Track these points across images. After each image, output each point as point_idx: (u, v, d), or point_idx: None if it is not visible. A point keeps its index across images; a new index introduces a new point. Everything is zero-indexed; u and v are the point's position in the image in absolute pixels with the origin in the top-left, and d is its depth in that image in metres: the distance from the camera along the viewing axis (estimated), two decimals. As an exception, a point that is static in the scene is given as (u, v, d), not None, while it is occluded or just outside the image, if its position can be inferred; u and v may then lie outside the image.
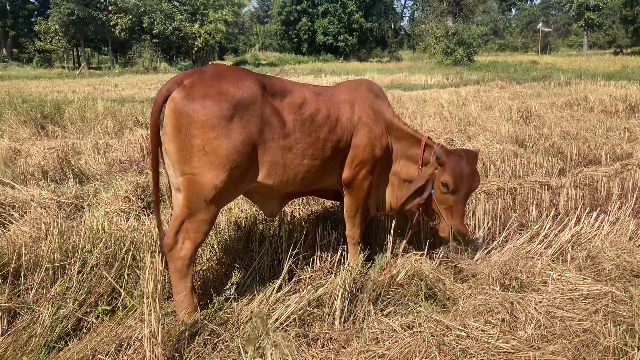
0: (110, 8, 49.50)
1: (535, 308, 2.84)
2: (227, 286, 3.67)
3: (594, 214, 4.81)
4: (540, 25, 57.95)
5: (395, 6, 72.87)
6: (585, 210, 4.95)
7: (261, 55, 64.27)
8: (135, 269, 3.61)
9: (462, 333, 2.69)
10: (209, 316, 3.16)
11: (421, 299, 3.30)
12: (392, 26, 72.82)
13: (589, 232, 4.55)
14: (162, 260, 2.93)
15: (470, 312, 2.86)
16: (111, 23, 49.19)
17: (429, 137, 3.93)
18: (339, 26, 59.28)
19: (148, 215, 5.08)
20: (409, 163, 3.96)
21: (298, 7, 60.62)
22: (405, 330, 2.75)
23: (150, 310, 2.73)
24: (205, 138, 2.88)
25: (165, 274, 3.50)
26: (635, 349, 2.59)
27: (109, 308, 3.35)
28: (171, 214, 4.71)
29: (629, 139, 8.57)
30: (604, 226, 4.58)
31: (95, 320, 3.21)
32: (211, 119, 2.87)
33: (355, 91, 3.79)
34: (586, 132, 8.80)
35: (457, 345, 2.58)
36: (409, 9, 79.20)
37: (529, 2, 66.48)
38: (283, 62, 53.16)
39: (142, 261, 3.66)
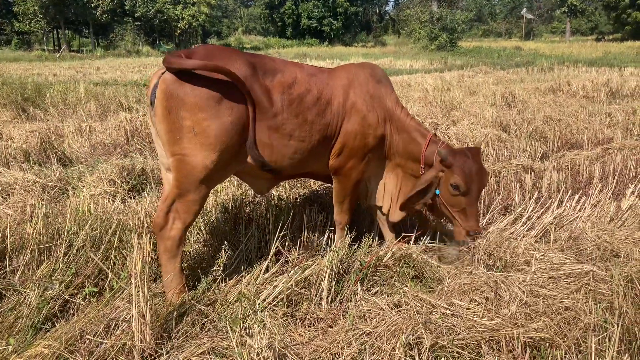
0: (91, -11, 48.58)
1: (518, 287, 2.90)
2: (215, 267, 3.68)
3: (576, 197, 4.90)
4: (524, 11, 58.19)
5: (380, -10, 72.52)
6: (568, 193, 5.04)
7: (245, 39, 63.72)
8: (122, 251, 3.61)
9: (448, 311, 2.74)
10: (196, 297, 3.17)
11: (407, 279, 3.35)
12: (377, 11, 72.58)
13: (571, 215, 4.63)
14: (149, 242, 2.92)
15: (456, 291, 2.92)
16: (92, 5, 48.27)
17: (434, 135, 3.76)
18: (323, 10, 58.92)
19: (133, 197, 5.05)
20: (411, 159, 3.79)
21: (282, -9, 60.17)
22: (392, 309, 2.79)
23: (139, 291, 2.73)
24: (194, 119, 2.90)
25: (153, 255, 3.51)
26: (615, 325, 2.66)
27: (96, 289, 3.34)
28: (159, 197, 4.72)
29: (609, 123, 8.69)
30: (585, 208, 4.66)
31: (82, 302, 3.20)
32: (201, 100, 2.90)
33: (354, 75, 3.66)
34: (568, 117, 8.90)
35: (442, 323, 2.63)
36: (393, -7, 78.81)
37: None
38: (267, 46, 52.79)
39: (128, 243, 3.66)
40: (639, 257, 3.42)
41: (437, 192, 3.57)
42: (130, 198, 5.01)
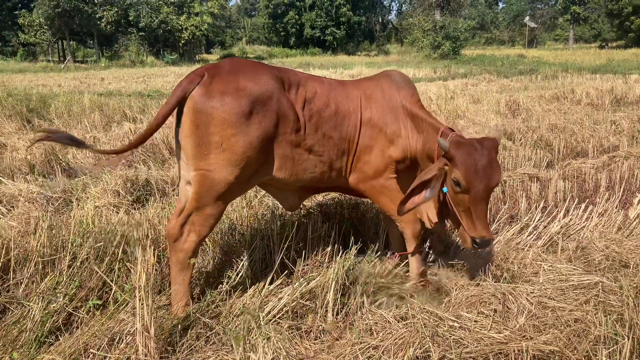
0: (96, 0, 48.90)
1: (527, 299, 2.86)
2: (219, 279, 3.66)
3: (583, 206, 4.86)
4: (527, 19, 58.27)
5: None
6: (574, 202, 5.00)
7: (248, 49, 63.95)
8: (126, 263, 3.58)
9: (455, 324, 2.71)
10: (201, 309, 3.15)
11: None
12: (380, 20, 72.78)
13: (578, 224, 4.59)
14: (153, 254, 2.90)
15: (463, 303, 2.88)
16: (97, 16, 48.62)
17: (449, 128, 3.34)
18: (326, 19, 59.12)
19: (138, 209, 5.04)
20: (430, 159, 3.41)
21: (285, 1, 60.34)
22: (398, 322, 2.76)
23: (143, 304, 2.71)
24: (223, 135, 2.91)
25: (157, 267, 3.49)
26: (625, 337, 2.62)
27: (100, 302, 3.32)
28: (163, 208, 4.70)
29: (615, 131, 8.65)
30: (592, 217, 4.62)
31: (86, 315, 3.18)
32: (230, 116, 2.89)
33: (373, 88, 3.54)
34: (573, 124, 8.86)
35: (450, 336, 2.59)
36: (396, 2, 79.40)
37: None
38: (271, 56, 52.97)
39: (132, 255, 3.64)
40: (648, 268, 3.39)
41: (445, 189, 3.17)
42: (135, 209, 4.99)
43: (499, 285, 2.97)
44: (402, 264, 3.65)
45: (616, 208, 5.04)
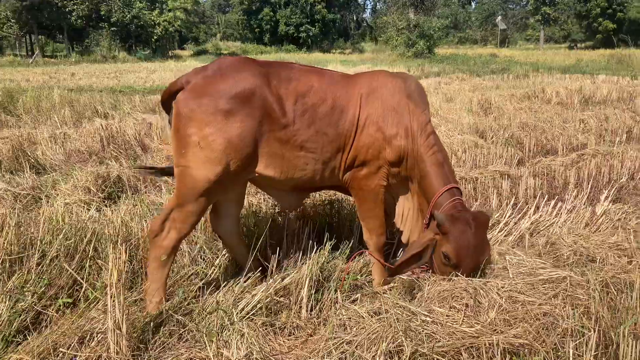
0: (65, -6, 47.90)
1: (497, 293, 2.91)
2: (193, 276, 3.64)
3: (552, 202, 4.96)
4: (498, 20, 59.10)
5: (357, -3, 73.00)
6: (544, 198, 5.09)
7: (222, 45, 63.42)
8: (97, 260, 3.54)
9: (428, 318, 2.74)
10: (174, 306, 3.12)
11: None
12: (355, 18, 72.94)
13: (548, 220, 4.68)
14: (125, 251, 2.86)
15: (435, 297, 2.91)
16: (67, 10, 47.62)
17: (457, 188, 3.38)
18: (301, 17, 59.03)
19: (109, 206, 4.97)
20: (424, 196, 3.43)
21: (260, -3, 60.15)
22: (372, 317, 2.78)
23: (114, 302, 2.68)
24: (201, 135, 2.96)
25: (129, 265, 3.45)
26: (591, 330, 2.69)
27: (70, 300, 3.26)
28: (135, 205, 4.64)
29: (583, 130, 8.84)
30: (561, 214, 4.72)
31: (55, 314, 3.13)
32: (207, 116, 2.96)
33: (381, 83, 3.39)
34: (544, 123, 9.03)
35: (422, 330, 2.62)
36: (371, 1, 79.52)
37: (488, -4, 67.73)
38: (245, 52, 52.61)
39: (104, 252, 3.59)
40: (613, 262, 3.48)
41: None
42: (106, 206, 4.92)
43: (470, 280, 3.01)
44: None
45: (584, 204, 5.15)
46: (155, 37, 51.39)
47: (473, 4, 68.48)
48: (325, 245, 3.61)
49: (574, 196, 5.32)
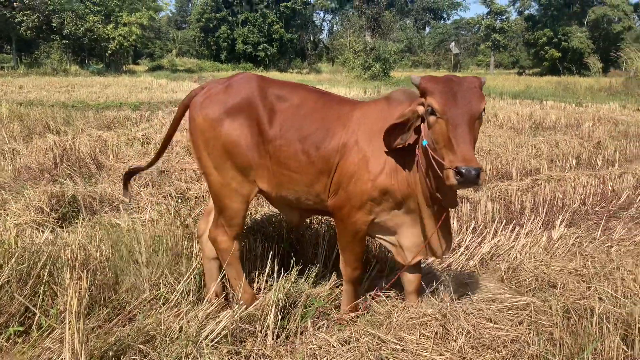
0: (15, 4, 46.37)
1: (465, 319, 2.93)
2: (154, 301, 3.52)
3: (510, 227, 5.08)
4: (452, 44, 60.88)
5: (314, 19, 73.82)
6: (502, 222, 5.21)
7: (178, 61, 62.66)
8: (53, 286, 3.37)
9: (398, 346, 2.72)
10: (133, 334, 2.99)
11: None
12: (312, 38, 73.66)
13: (506, 244, 4.79)
14: (86, 277, 2.75)
15: (405, 324, 2.90)
16: (16, 20, 46.10)
17: None
18: (258, 35, 59.11)
19: (64, 227, 4.77)
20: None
21: (217, 15, 59.89)
22: (342, 345, 2.74)
23: (73, 331, 2.56)
24: (203, 139, 3.27)
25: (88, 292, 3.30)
26: (556, 356, 2.74)
27: (21, 329, 3.09)
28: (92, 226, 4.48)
29: (535, 154, 9.14)
30: (520, 238, 4.83)
31: (6, 343, 2.96)
32: (205, 121, 3.24)
33: (372, 107, 3.19)
34: (498, 147, 9.29)
35: (394, 359, 2.61)
36: (327, 22, 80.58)
37: (442, 22, 69.73)
38: (201, 69, 52.21)
39: (60, 277, 3.43)
40: (573, 288, 3.57)
41: (425, 142, 2.78)
42: (61, 227, 4.72)
43: (438, 305, 3.01)
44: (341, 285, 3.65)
45: (540, 229, 5.30)
46: (109, 52, 50.32)
47: (427, 28, 70.37)
48: (291, 271, 3.57)
49: (531, 221, 5.46)
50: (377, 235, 3.35)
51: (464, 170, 2.45)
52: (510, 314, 3.11)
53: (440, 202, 2.95)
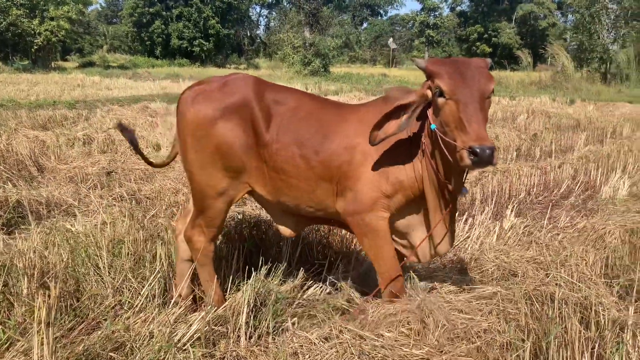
0: None
1: (438, 312, 2.99)
2: (119, 306, 3.40)
3: (463, 218, 5.24)
4: (390, 41, 61.98)
5: (251, 14, 73.13)
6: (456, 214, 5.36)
7: (110, 57, 60.44)
8: (9, 296, 3.19)
9: (377, 342, 2.75)
10: (101, 342, 2.88)
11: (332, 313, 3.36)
12: (248, 34, 72.98)
13: (462, 235, 4.93)
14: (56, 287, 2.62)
15: (382, 321, 2.93)
16: None
17: None
18: (194, 31, 57.87)
19: (10, 233, 4.52)
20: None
21: (151, 10, 58.12)
22: (323, 343, 2.75)
23: (42, 342, 2.44)
24: (193, 137, 3.16)
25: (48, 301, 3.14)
26: (526, 341, 2.86)
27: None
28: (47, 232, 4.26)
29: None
30: (475, 228, 4.99)
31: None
32: (197, 118, 3.13)
33: (370, 108, 3.16)
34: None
35: (376, 354, 2.63)
36: (264, 17, 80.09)
37: (379, 18, 70.82)
38: (135, 66, 50.49)
39: (16, 287, 3.25)
40: (533, 275, 3.72)
41: (433, 126, 2.75)
42: (8, 234, 4.46)
43: (414, 298, 3.06)
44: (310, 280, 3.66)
45: (490, 220, 5.49)
46: (35, 47, 47.91)
47: (365, 24, 71.28)
48: (260, 270, 3.54)
49: (481, 212, 5.65)
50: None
51: (478, 150, 2.41)
52: (479, 304, 3.21)
53: (449, 189, 2.92)
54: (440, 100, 2.64)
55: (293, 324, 3.24)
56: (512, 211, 5.54)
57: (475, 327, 2.92)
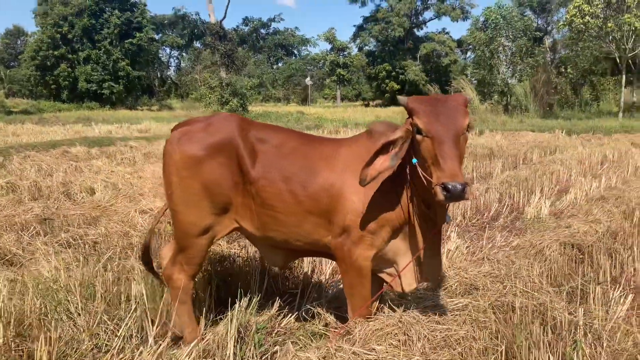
0: None
1: (420, 324, 3.19)
2: (93, 349, 3.32)
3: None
4: (307, 80, 63.43)
5: (161, 55, 72.31)
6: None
7: (9, 102, 57.22)
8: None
9: (371, 356, 2.90)
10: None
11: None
12: (159, 75, 72.06)
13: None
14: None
15: (370, 336, 3.08)
16: None
17: None
18: (103, 73, 56.31)
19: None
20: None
21: (56, 52, 56.01)
22: (324, 362, 2.86)
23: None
24: (179, 176, 3.22)
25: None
26: (500, 346, 3.12)
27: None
28: None
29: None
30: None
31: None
32: (183, 158, 3.20)
33: (353, 142, 3.28)
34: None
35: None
36: (175, 58, 79.47)
37: (294, 58, 72.44)
38: (40, 110, 48.08)
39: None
40: (492, 288, 4.04)
41: (415, 161, 2.86)
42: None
43: (396, 314, 3.25)
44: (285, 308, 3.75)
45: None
46: None
47: (280, 63, 72.61)
48: (240, 302, 3.59)
49: (445, 229, 5.98)
50: (376, 269, 3.30)
51: (450, 186, 2.53)
52: (453, 315, 3.45)
53: (433, 220, 3.08)
54: (419, 137, 2.77)
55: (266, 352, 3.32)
56: (455, 233, 5.91)
57: (453, 335, 3.15)
